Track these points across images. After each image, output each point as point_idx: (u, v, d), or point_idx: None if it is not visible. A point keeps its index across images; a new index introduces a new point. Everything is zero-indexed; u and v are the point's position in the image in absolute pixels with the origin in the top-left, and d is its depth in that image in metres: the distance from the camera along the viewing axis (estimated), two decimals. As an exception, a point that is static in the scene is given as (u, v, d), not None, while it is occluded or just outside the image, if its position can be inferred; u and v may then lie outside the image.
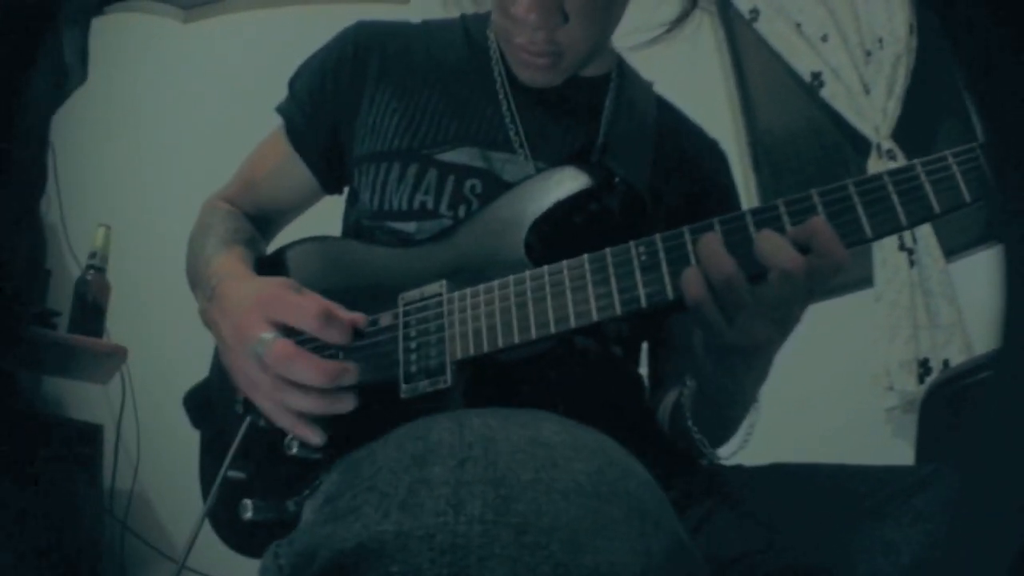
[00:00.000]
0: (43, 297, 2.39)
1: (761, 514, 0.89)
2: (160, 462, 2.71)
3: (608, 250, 0.83)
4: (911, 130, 2.84)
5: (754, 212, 0.79)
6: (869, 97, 2.90)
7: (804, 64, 3.08)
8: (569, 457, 0.50)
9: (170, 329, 2.38)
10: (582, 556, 0.45)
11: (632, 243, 0.83)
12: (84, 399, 2.66)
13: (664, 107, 1.22)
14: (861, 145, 2.91)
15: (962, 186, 0.75)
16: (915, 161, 0.77)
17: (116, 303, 2.45)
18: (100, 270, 2.38)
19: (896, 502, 0.81)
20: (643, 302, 0.80)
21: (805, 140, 3.20)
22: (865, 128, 2.89)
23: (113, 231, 2.45)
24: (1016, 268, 0.46)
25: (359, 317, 0.90)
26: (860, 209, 0.77)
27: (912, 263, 2.64)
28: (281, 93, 1.24)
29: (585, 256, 0.84)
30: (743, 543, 0.87)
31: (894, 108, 2.85)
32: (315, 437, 0.86)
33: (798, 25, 3.10)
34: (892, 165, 2.68)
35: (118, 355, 2.35)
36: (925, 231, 2.64)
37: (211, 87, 2.89)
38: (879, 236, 0.77)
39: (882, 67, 2.89)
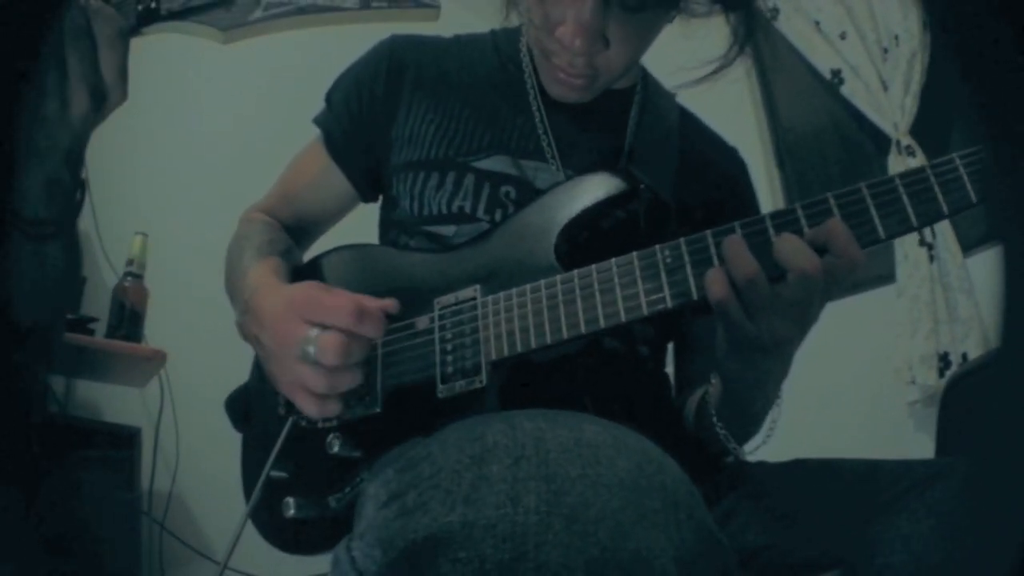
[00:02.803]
0: (78, 304, 2.44)
1: (782, 508, 0.93)
2: (197, 464, 2.77)
3: (635, 253, 0.88)
4: (929, 125, 2.86)
5: (773, 216, 0.83)
6: (887, 94, 2.93)
7: (824, 62, 3.10)
8: (611, 455, 0.56)
9: (207, 333, 2.45)
10: (625, 542, 0.51)
11: (657, 247, 0.87)
12: (119, 403, 2.71)
13: (686, 117, 1.26)
14: (881, 141, 2.93)
15: (969, 187, 0.79)
16: (924, 164, 0.81)
17: (154, 308, 2.50)
18: (138, 277, 2.44)
19: (911, 496, 0.85)
20: (669, 302, 0.84)
21: (827, 137, 3.23)
22: (884, 124, 2.91)
23: (150, 238, 2.52)
24: (1016, 267, 0.48)
25: (389, 303, 0.92)
26: (873, 211, 0.81)
27: (932, 258, 2.66)
28: (316, 108, 1.28)
29: (612, 260, 0.89)
30: (765, 536, 0.91)
31: (911, 104, 2.87)
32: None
33: (817, 23, 3.13)
34: (911, 160, 2.72)
35: (157, 359, 2.40)
36: (943, 226, 2.66)
37: (248, 102, 2.95)
38: (892, 237, 0.81)
39: (899, 64, 2.91)
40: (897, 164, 2.79)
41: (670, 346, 1.22)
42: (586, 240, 0.99)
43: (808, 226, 0.82)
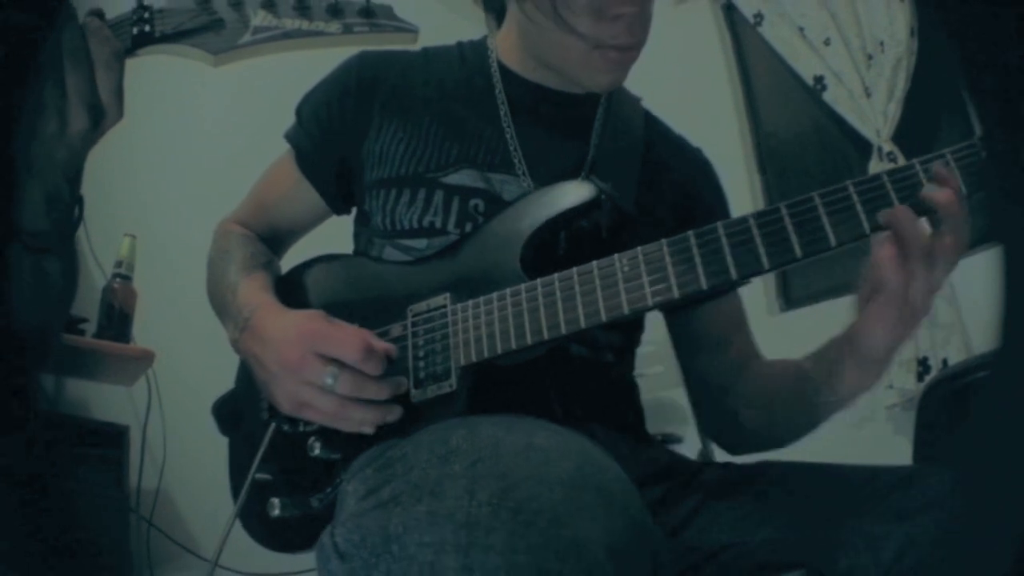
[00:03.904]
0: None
1: (747, 508, 0.98)
2: (184, 462, 2.80)
3: (595, 263, 0.92)
4: (911, 132, 2.91)
5: (757, 215, 0.88)
6: (870, 100, 2.97)
7: (807, 68, 3.15)
8: (557, 458, 0.66)
9: (193, 333, 2.48)
10: (562, 530, 0.60)
11: (616, 256, 0.92)
12: (106, 401, 2.74)
13: (651, 121, 1.29)
14: (863, 147, 2.98)
15: (960, 182, 0.82)
16: (914, 160, 0.85)
17: (142, 308, 2.54)
18: (126, 278, 2.47)
19: (878, 499, 0.89)
20: (625, 309, 0.89)
21: (809, 142, 3.27)
22: (867, 131, 2.95)
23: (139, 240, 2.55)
24: (1014, 269, 0.50)
25: (391, 348, 0.99)
26: (859, 207, 0.85)
27: (911, 263, 2.70)
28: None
29: (574, 269, 0.93)
30: (730, 534, 0.96)
31: (895, 111, 2.92)
32: (368, 428, 0.96)
33: (801, 29, 3.17)
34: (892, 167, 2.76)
35: (146, 359, 2.43)
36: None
37: (236, 108, 2.98)
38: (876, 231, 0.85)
39: (883, 70, 2.96)
40: (878, 171, 2.83)
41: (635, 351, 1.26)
42: (551, 249, 1.03)
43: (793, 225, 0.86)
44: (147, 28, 0.88)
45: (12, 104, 0.65)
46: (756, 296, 3.03)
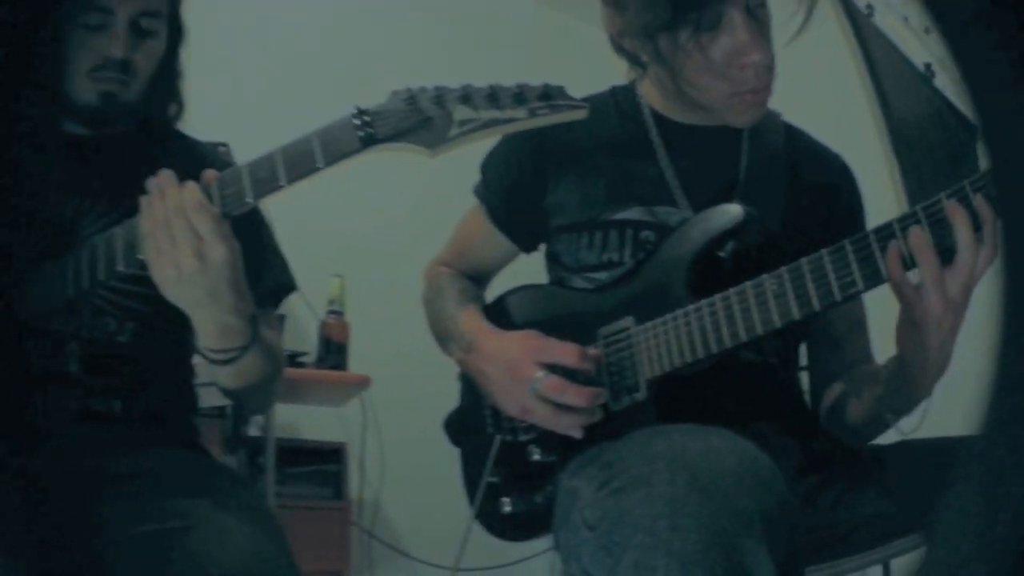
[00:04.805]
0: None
1: (889, 487, 1.15)
2: (396, 474, 3.10)
3: (748, 284, 1.10)
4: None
5: (876, 230, 1.04)
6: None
7: (916, 55, 3.18)
8: (726, 455, 0.90)
9: (403, 359, 2.77)
10: (730, 502, 0.84)
11: (765, 276, 1.10)
12: (315, 422, 3.08)
13: (791, 135, 1.42)
14: (971, 131, 2.98)
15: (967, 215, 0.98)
16: (964, 182, 1.00)
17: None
18: (339, 314, 2.79)
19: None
20: (778, 323, 1.08)
21: (931, 126, 3.28)
22: (971, 115, 2.93)
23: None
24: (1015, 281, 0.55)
25: (600, 355, 1.21)
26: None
27: None
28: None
29: (731, 290, 1.11)
30: (871, 509, 1.15)
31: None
32: (577, 433, 1.17)
33: (905, 19, 3.20)
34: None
35: (363, 384, 2.75)
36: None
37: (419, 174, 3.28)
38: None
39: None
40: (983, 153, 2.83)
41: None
42: (712, 268, 1.20)
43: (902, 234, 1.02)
44: (371, 131, 1.05)
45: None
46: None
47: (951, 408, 1.11)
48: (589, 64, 1.92)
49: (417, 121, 1.06)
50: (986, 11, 0.53)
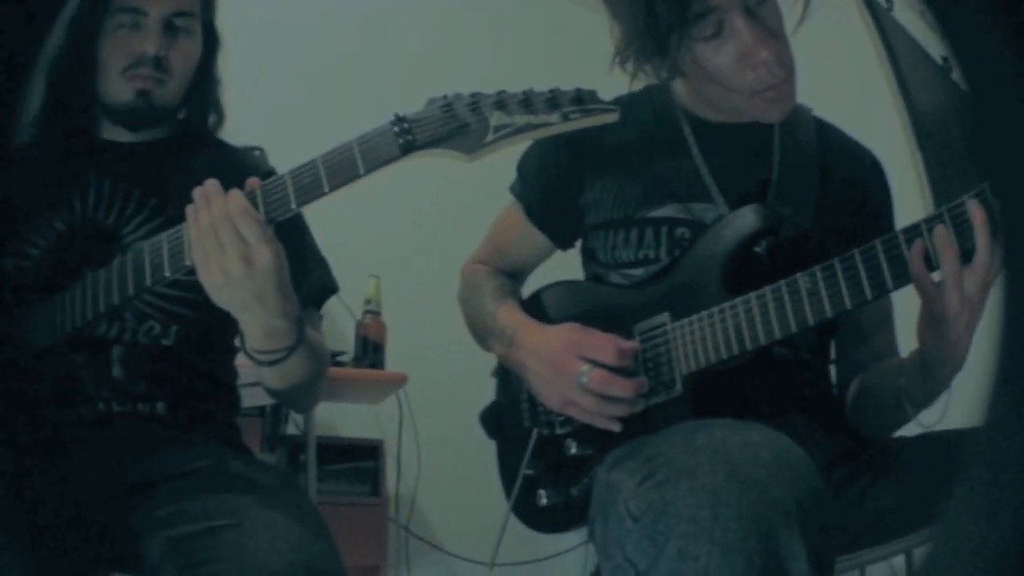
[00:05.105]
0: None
1: (906, 476, 1.19)
2: (432, 471, 3.14)
3: (783, 282, 1.13)
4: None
5: (905, 230, 1.08)
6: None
7: (934, 49, 3.17)
8: (763, 448, 0.94)
9: (438, 357, 2.81)
10: (768, 492, 0.88)
11: (799, 274, 1.13)
12: (351, 420, 3.11)
13: (822, 130, 1.44)
14: None
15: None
16: (985, 184, 1.03)
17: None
18: (376, 314, 2.84)
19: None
20: (811, 321, 1.11)
21: (951, 119, 3.27)
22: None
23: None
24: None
25: (637, 347, 1.24)
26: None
27: None
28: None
29: (767, 287, 1.15)
30: (895, 500, 1.18)
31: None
32: (616, 426, 1.21)
33: (922, 12, 3.19)
34: None
35: (400, 382, 2.79)
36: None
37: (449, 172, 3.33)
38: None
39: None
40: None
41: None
42: (747, 265, 1.23)
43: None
44: (410, 138, 1.09)
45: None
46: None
47: (973, 402, 1.14)
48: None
49: (454, 127, 1.10)
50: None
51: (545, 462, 1.33)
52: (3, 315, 1.32)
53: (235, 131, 1.60)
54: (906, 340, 1.28)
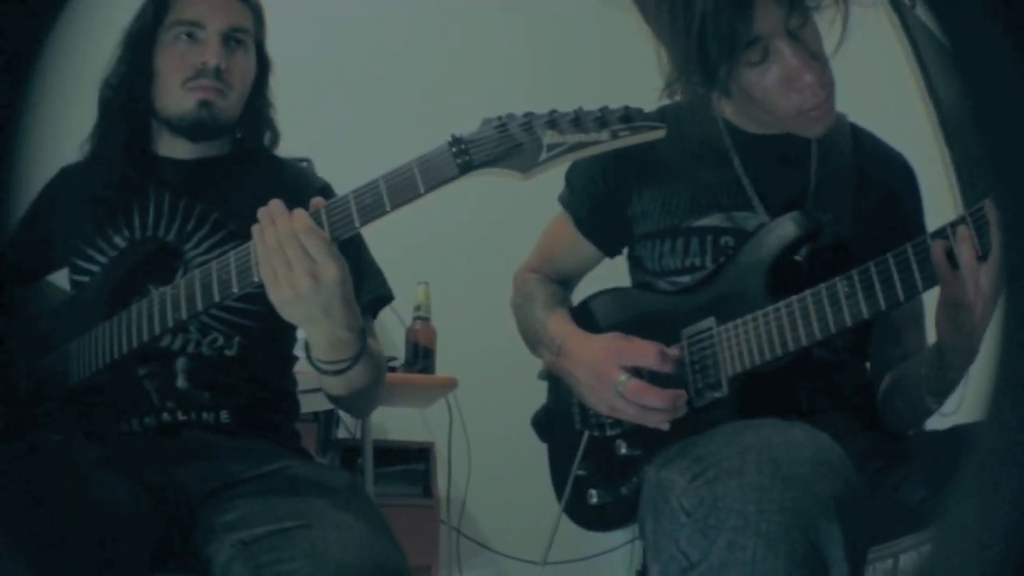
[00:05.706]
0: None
1: (936, 468, 1.23)
2: (481, 473, 3.20)
3: (822, 286, 1.19)
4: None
5: (934, 234, 1.13)
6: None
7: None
8: (804, 447, 1.00)
9: (488, 361, 2.87)
10: (809, 488, 0.95)
11: (838, 279, 1.18)
12: (400, 423, 3.19)
13: (857, 135, 1.47)
14: None
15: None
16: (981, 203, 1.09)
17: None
18: (425, 319, 2.91)
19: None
20: (849, 322, 1.17)
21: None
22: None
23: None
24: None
25: (678, 354, 1.30)
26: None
27: None
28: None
29: (807, 291, 1.20)
30: (927, 492, 1.22)
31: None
32: (665, 426, 1.26)
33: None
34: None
35: (450, 386, 2.85)
36: None
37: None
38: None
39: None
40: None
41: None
42: (789, 271, 1.28)
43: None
44: (468, 158, 1.13)
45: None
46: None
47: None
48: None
49: (509, 147, 1.14)
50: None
51: (596, 463, 1.39)
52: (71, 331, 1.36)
53: (284, 147, 1.65)
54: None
